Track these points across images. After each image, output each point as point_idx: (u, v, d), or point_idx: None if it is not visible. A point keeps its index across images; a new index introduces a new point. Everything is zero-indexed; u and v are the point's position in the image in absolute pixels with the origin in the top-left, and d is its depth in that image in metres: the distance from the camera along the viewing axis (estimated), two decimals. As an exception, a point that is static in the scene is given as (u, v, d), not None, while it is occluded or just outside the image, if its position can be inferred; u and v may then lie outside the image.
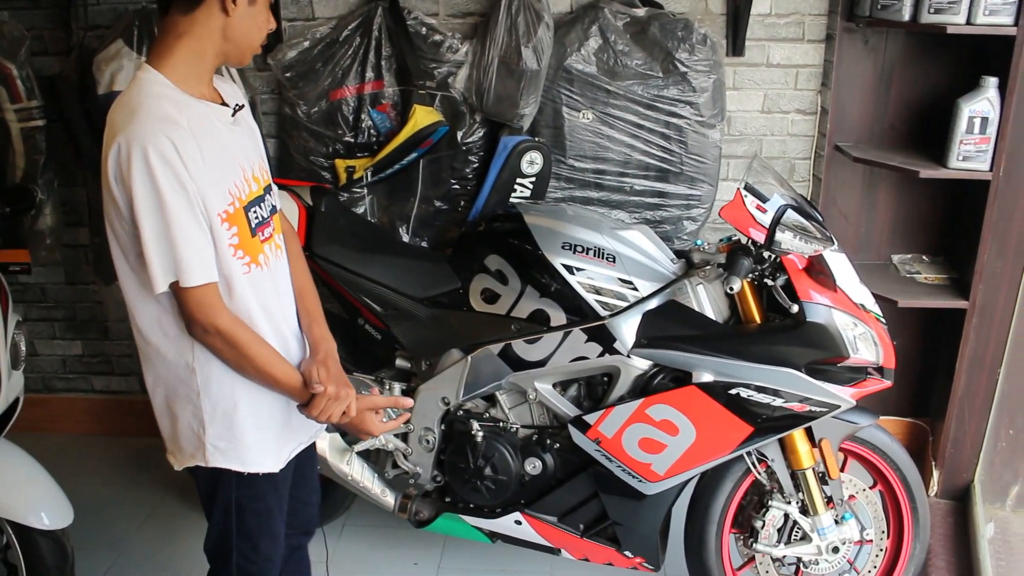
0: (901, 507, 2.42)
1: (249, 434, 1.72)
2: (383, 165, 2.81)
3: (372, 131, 2.88)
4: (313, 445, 2.04)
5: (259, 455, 1.75)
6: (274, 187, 1.82)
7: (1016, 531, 2.85)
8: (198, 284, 1.54)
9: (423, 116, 2.74)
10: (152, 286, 1.54)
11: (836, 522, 2.33)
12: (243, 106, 1.71)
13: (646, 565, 2.43)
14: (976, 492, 2.92)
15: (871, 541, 2.42)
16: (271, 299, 1.72)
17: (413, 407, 2.49)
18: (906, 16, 2.54)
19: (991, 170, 2.58)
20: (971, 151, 2.57)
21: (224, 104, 1.67)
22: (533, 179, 2.79)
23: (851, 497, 2.38)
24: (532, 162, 2.77)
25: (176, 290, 1.55)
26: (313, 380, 1.68)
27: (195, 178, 1.50)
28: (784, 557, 2.38)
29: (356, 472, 2.58)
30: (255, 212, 1.66)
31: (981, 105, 2.52)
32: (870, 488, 2.42)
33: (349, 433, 1.86)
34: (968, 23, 2.45)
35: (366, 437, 1.86)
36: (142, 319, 1.65)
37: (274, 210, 1.77)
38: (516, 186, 2.78)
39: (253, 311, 1.66)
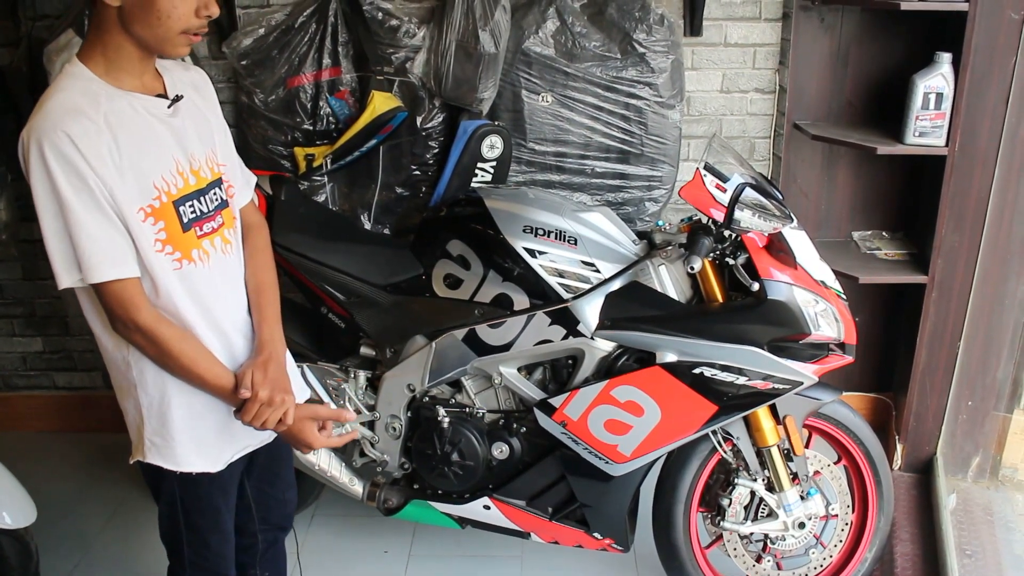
0: (865, 481, 2.45)
1: (182, 432, 1.68)
2: (343, 152, 2.78)
3: (331, 118, 2.85)
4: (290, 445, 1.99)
5: (193, 455, 1.70)
6: (231, 179, 1.76)
7: (977, 501, 2.90)
8: (107, 280, 1.49)
9: (382, 102, 2.72)
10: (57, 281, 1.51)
11: (802, 498, 2.35)
12: (181, 97, 1.63)
13: (615, 546, 2.44)
14: (938, 464, 2.96)
15: (836, 516, 2.44)
16: (210, 296, 1.66)
17: (382, 405, 2.48)
18: (861, -7, 2.56)
19: (947, 145, 2.60)
20: (927, 127, 2.59)
21: (162, 95, 1.60)
22: (494, 163, 2.78)
23: (816, 473, 2.40)
24: (492, 146, 2.75)
25: (94, 286, 1.51)
26: (243, 384, 1.62)
27: (100, 171, 1.45)
28: (751, 534, 2.40)
29: (323, 462, 2.57)
30: (191, 206, 1.61)
31: (936, 81, 2.54)
32: (835, 463, 2.45)
33: (287, 443, 1.78)
34: (921, -1, 2.47)
35: (306, 450, 1.77)
36: (86, 310, 1.63)
37: (223, 204, 1.70)
38: (477, 170, 2.77)
39: (184, 308, 1.61)
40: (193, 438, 1.69)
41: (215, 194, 1.67)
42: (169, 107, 1.60)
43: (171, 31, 1.50)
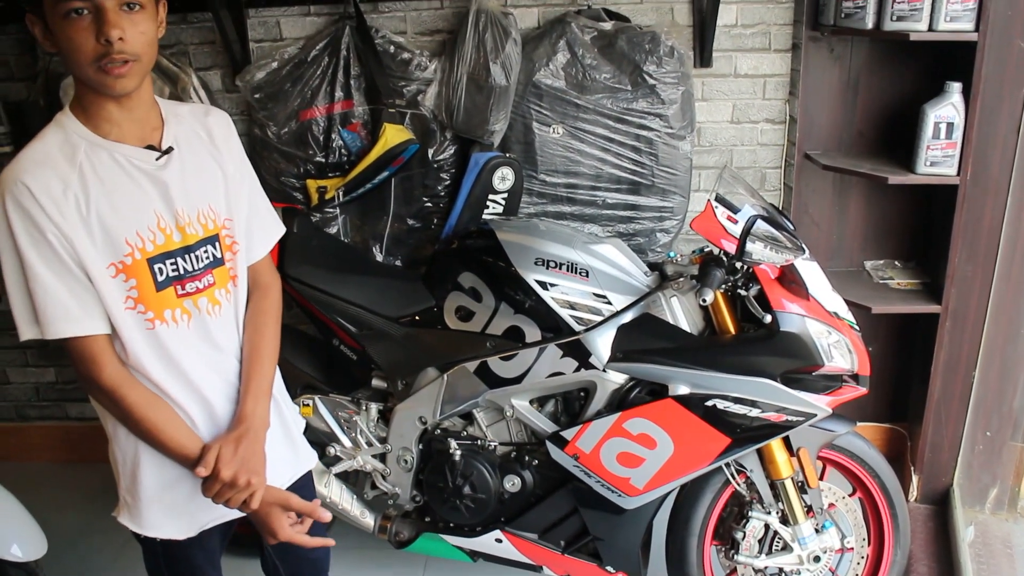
0: (881, 514, 2.43)
1: (151, 495, 1.61)
2: (355, 184, 2.80)
3: (343, 150, 2.87)
4: (313, 498, 1.89)
5: (161, 519, 1.63)
6: (236, 235, 1.63)
7: (996, 534, 2.86)
8: (63, 336, 1.44)
9: (393, 134, 2.73)
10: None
11: (817, 531, 2.33)
12: (171, 149, 1.53)
13: (628, 579, 2.42)
14: (955, 496, 2.93)
15: (852, 549, 2.41)
16: (185, 359, 1.55)
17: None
18: (869, 24, 2.56)
19: (958, 175, 2.59)
20: (938, 156, 2.58)
21: (152, 147, 1.51)
22: (505, 195, 2.79)
23: (831, 505, 2.38)
24: (504, 178, 2.76)
25: (55, 341, 1.45)
26: (204, 460, 1.50)
27: (61, 225, 1.40)
28: (766, 568, 2.38)
29: (334, 494, 2.56)
30: (173, 264, 1.52)
31: (946, 110, 2.53)
32: (849, 496, 2.43)
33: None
34: (930, 30, 2.47)
35: (270, 539, 1.63)
36: None
37: (216, 263, 1.59)
38: (488, 202, 2.78)
39: (154, 370, 1.52)
40: (163, 502, 1.62)
41: (206, 252, 1.57)
42: (158, 159, 1.51)
43: (82, 66, 1.40)
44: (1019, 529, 2.90)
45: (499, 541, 2.45)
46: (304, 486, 1.86)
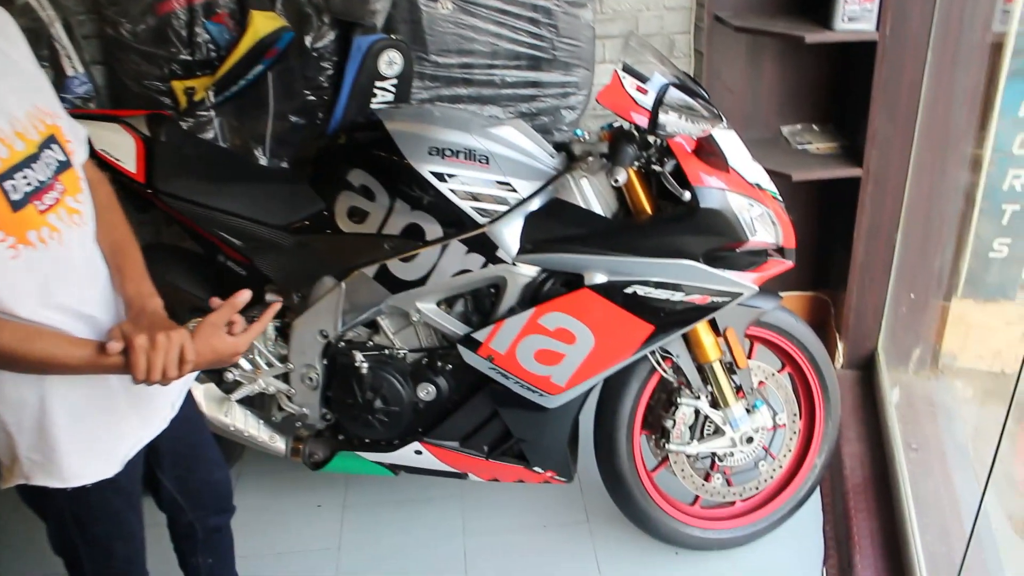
0: (811, 386, 2.39)
1: (66, 440, 1.46)
2: (226, 82, 2.58)
3: (210, 45, 2.62)
4: (201, 422, 1.87)
5: (83, 464, 1.50)
6: (66, 132, 1.47)
7: (919, 394, 2.89)
8: None
9: (263, 23, 2.51)
10: None
11: (748, 411, 2.27)
12: None
13: (558, 478, 2.35)
14: (880, 359, 2.95)
15: (784, 425, 2.37)
16: (63, 279, 1.40)
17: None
18: None
19: (877, 30, 2.51)
20: (856, 11, 2.51)
21: None
22: (394, 81, 2.59)
23: (760, 384, 2.32)
24: (391, 62, 2.55)
25: None
26: (112, 337, 1.36)
27: None
28: (698, 453, 2.31)
29: (239, 421, 2.40)
30: (24, 177, 1.32)
31: (864, -41, 2.40)
32: (779, 372, 2.36)
33: (219, 368, 1.51)
34: None
35: (236, 358, 1.49)
36: None
37: (63, 166, 1.42)
38: (376, 91, 2.58)
39: (29, 304, 1.34)
40: (80, 443, 1.49)
41: (49, 156, 1.40)
42: None
43: None
44: (941, 386, 2.93)
45: (419, 453, 2.34)
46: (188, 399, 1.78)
